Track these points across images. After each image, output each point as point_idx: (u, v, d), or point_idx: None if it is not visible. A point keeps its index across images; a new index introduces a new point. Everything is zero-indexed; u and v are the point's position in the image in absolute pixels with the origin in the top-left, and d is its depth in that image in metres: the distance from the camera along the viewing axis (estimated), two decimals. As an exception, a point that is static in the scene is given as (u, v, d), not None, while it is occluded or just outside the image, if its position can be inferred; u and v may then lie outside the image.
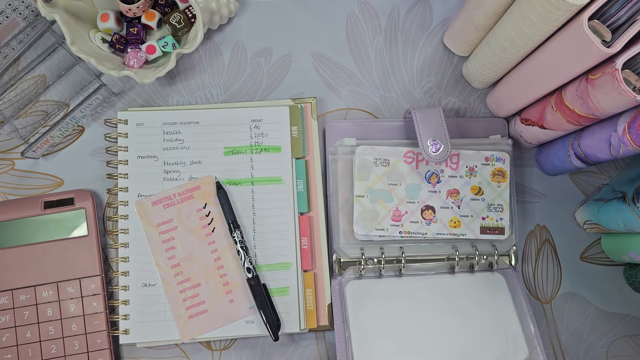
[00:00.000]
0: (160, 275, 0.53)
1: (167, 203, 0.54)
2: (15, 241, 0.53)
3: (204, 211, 0.55)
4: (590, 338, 0.57)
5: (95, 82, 0.57)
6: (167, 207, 0.54)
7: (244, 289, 0.53)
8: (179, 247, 0.54)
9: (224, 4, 0.56)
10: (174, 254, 0.54)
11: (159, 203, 0.54)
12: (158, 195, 0.55)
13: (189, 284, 0.53)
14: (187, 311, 0.53)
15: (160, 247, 0.54)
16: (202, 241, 0.54)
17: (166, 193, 0.55)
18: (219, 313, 0.53)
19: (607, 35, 0.40)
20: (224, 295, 0.53)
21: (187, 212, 0.54)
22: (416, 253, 0.55)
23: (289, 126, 0.57)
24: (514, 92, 0.53)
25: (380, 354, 0.52)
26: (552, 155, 0.55)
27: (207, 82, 0.59)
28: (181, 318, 0.53)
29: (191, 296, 0.53)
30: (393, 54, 0.60)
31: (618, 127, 0.44)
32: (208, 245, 0.54)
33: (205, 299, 0.53)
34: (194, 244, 0.54)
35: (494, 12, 0.48)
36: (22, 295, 0.53)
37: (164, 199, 0.54)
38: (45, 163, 0.57)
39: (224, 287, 0.53)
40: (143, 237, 0.54)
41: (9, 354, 0.52)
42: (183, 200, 0.55)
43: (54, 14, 0.51)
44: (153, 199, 0.54)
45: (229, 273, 0.54)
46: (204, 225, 0.54)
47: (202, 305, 0.53)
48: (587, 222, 0.56)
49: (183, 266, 0.53)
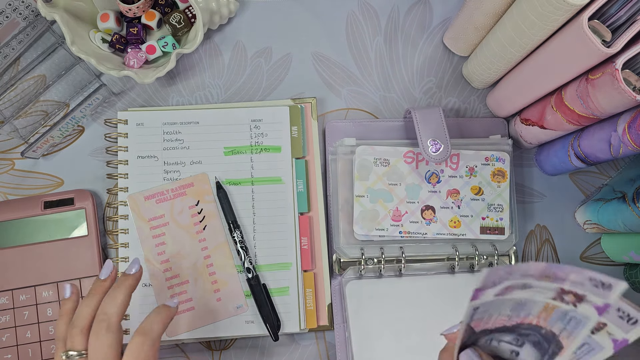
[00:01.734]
0: (149, 270, 0.53)
1: (159, 198, 0.54)
2: (15, 241, 0.53)
3: (196, 208, 0.55)
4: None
5: (95, 82, 0.57)
6: (159, 202, 0.54)
7: (232, 288, 0.54)
8: (169, 242, 0.54)
9: (224, 4, 0.56)
10: (164, 249, 0.54)
11: (151, 198, 0.54)
12: (151, 190, 0.55)
13: (178, 280, 0.53)
14: None
15: (150, 242, 0.54)
16: (193, 238, 0.54)
17: (159, 188, 0.55)
18: (206, 311, 0.53)
19: (607, 35, 0.40)
20: (212, 293, 0.53)
21: (180, 208, 0.54)
22: (416, 253, 0.55)
23: (289, 126, 0.57)
24: (514, 92, 0.53)
25: (380, 354, 0.52)
26: (552, 155, 0.55)
27: (207, 82, 0.59)
28: None
29: (179, 293, 0.53)
30: (393, 54, 0.60)
31: (618, 127, 0.44)
32: (199, 243, 0.54)
33: (193, 296, 0.53)
34: (184, 240, 0.54)
35: (494, 12, 0.48)
36: (22, 295, 0.53)
37: (156, 194, 0.54)
38: (45, 163, 0.57)
39: (212, 285, 0.53)
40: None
41: (9, 354, 0.52)
42: (176, 196, 0.55)
43: (54, 14, 0.51)
44: (146, 194, 0.54)
45: (218, 271, 0.54)
46: (196, 223, 0.54)
47: (190, 302, 0.53)
48: (587, 222, 0.56)
49: (172, 262, 0.53)
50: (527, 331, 0.32)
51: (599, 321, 0.29)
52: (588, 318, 0.30)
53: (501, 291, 0.29)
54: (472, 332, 0.33)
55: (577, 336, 0.30)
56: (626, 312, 0.28)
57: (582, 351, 0.30)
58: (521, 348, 0.33)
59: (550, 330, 0.31)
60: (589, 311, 0.29)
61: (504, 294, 0.30)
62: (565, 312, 0.30)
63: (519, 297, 0.30)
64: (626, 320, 0.28)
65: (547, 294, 0.30)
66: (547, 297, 0.30)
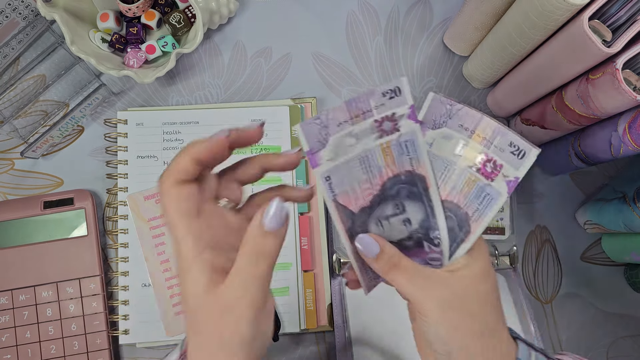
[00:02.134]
0: (149, 271, 0.53)
1: (159, 198, 0.54)
2: (15, 241, 0.53)
3: None
4: (591, 338, 0.57)
5: (94, 82, 0.57)
6: (159, 202, 0.54)
7: None
8: (169, 242, 0.54)
9: (224, 3, 0.56)
10: (163, 249, 0.54)
11: (151, 198, 0.54)
12: (151, 190, 0.55)
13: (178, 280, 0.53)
14: (174, 308, 0.53)
15: (150, 242, 0.54)
16: None
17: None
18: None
19: (608, 35, 0.40)
20: None
21: None
22: (416, 253, 0.55)
23: (289, 126, 0.56)
24: (514, 92, 0.53)
25: (381, 355, 0.52)
26: (553, 155, 0.55)
27: (207, 82, 0.59)
28: (167, 314, 0.53)
29: (178, 293, 0.53)
30: (393, 53, 0.60)
31: (618, 127, 0.44)
32: None
33: None
34: None
35: (494, 11, 0.48)
36: (22, 295, 0.53)
37: (156, 194, 0.54)
38: (44, 163, 0.57)
39: None
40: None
41: (9, 354, 0.52)
42: None
43: (54, 14, 0.51)
44: (146, 194, 0.54)
45: None
46: None
47: None
48: (587, 222, 0.56)
49: (172, 262, 0.53)
50: (391, 189, 0.32)
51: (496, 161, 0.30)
52: (499, 194, 0.31)
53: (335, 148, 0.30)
54: (350, 212, 0.32)
55: (485, 217, 0.31)
56: (516, 145, 0.30)
57: (483, 204, 0.31)
58: (405, 211, 0.32)
59: (465, 211, 0.32)
60: (502, 187, 0.31)
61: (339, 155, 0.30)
62: (482, 187, 0.31)
63: (355, 153, 0.30)
64: (517, 155, 0.30)
65: (371, 135, 0.30)
66: (374, 138, 0.30)
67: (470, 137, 0.31)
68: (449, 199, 0.32)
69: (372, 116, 0.30)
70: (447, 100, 0.31)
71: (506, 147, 0.31)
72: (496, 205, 0.31)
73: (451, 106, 0.31)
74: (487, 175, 0.31)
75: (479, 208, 0.31)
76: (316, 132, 0.29)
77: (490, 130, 0.31)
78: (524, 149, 0.30)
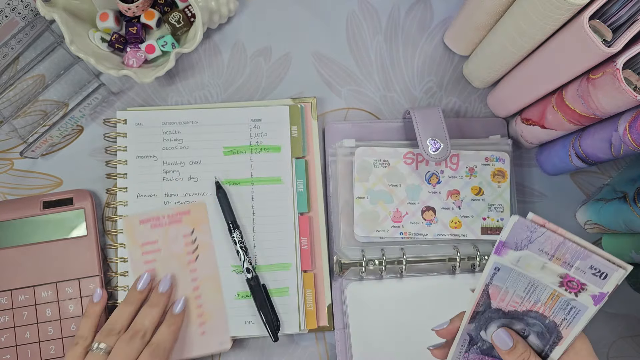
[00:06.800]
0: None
1: (155, 223, 0.54)
2: (14, 241, 0.53)
3: (190, 237, 0.54)
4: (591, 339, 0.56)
5: (94, 82, 0.57)
6: (154, 227, 0.54)
7: (218, 322, 0.52)
8: (159, 269, 0.53)
9: (224, 3, 0.56)
10: (153, 275, 0.52)
11: (146, 222, 0.54)
12: (147, 213, 0.54)
13: None
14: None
15: (141, 267, 0.53)
16: (184, 268, 0.53)
17: (156, 213, 0.54)
18: (187, 343, 0.51)
19: (608, 34, 0.40)
20: (197, 326, 0.52)
21: (174, 235, 0.53)
22: (417, 254, 0.55)
23: (289, 126, 0.56)
24: (514, 91, 0.53)
25: (381, 356, 0.52)
26: (553, 155, 0.55)
27: (207, 81, 0.59)
28: None
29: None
30: (393, 53, 0.60)
31: (619, 126, 0.44)
32: (189, 273, 0.53)
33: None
34: (175, 269, 0.53)
35: (494, 11, 0.48)
36: (21, 295, 0.53)
37: (152, 218, 0.54)
38: (44, 163, 0.57)
39: (198, 318, 0.52)
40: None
41: (8, 354, 0.52)
42: (171, 223, 0.54)
43: (53, 14, 0.51)
44: (142, 217, 0.54)
45: (205, 304, 0.53)
46: (189, 252, 0.53)
47: None
48: (588, 222, 0.56)
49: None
50: (533, 321, 0.36)
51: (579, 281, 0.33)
52: (586, 308, 0.34)
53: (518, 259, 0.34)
54: (488, 303, 0.36)
55: (576, 326, 0.35)
56: (597, 268, 0.33)
57: (571, 315, 0.35)
58: (527, 339, 0.37)
59: (553, 320, 0.35)
60: (588, 301, 0.34)
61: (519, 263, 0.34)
62: (567, 301, 0.34)
63: (532, 277, 0.34)
64: (599, 277, 0.33)
65: (554, 279, 0.34)
66: (554, 282, 0.34)
67: (550, 260, 0.34)
68: (534, 309, 0.36)
69: (568, 270, 0.33)
70: (530, 225, 0.34)
71: (587, 269, 0.33)
72: (585, 316, 0.35)
73: (531, 233, 0.34)
74: (571, 290, 0.34)
75: (566, 318, 0.35)
76: (522, 236, 0.34)
77: (570, 256, 0.33)
78: (606, 271, 0.33)
